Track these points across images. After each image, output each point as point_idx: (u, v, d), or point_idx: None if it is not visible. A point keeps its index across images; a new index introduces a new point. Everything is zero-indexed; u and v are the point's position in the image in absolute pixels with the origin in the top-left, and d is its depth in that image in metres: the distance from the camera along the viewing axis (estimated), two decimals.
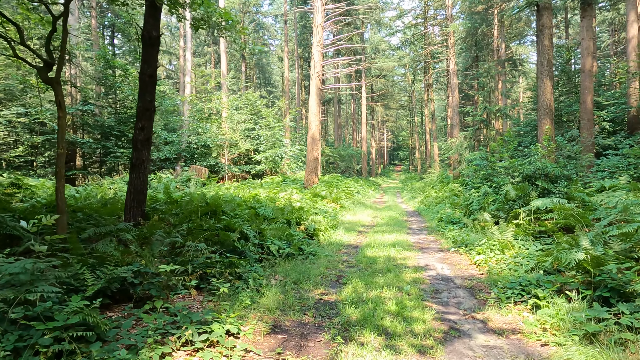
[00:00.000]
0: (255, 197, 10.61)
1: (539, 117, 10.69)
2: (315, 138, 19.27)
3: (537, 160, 8.15)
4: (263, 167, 24.23)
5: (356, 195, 17.89)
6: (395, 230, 10.51)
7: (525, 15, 37.17)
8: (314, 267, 6.42)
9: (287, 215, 8.56)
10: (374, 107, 49.58)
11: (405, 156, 68.24)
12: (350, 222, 12.25)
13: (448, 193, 15.00)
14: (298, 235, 7.98)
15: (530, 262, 5.82)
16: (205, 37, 43.92)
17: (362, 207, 15.94)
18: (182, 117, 20.47)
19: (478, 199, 10.16)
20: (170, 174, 15.20)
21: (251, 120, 26.15)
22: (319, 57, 19.60)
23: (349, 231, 10.46)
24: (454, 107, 23.25)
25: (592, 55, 17.24)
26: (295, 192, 14.55)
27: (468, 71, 34.51)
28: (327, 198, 14.52)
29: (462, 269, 6.52)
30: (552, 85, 10.61)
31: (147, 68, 7.15)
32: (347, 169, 38.80)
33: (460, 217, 10.49)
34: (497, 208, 8.61)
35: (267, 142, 24.87)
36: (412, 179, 36.00)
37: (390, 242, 8.68)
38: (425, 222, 12.39)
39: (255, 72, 53.99)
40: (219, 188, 13.49)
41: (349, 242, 9.05)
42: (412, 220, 13.18)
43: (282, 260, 6.59)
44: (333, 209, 13.51)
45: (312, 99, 19.42)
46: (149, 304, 4.23)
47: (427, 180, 24.93)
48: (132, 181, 6.92)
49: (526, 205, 7.95)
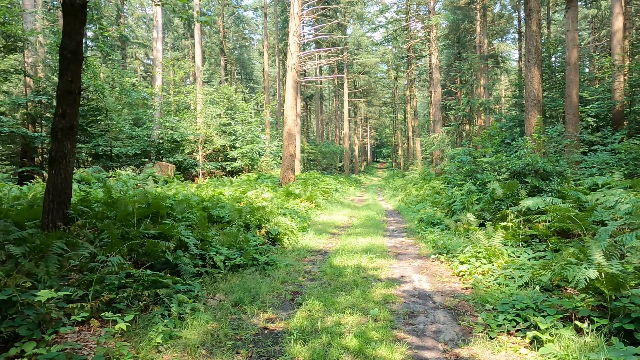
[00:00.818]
0: (216, 197, 9.41)
1: (526, 108, 9.78)
2: (291, 133, 18.10)
3: (527, 155, 7.18)
4: (239, 164, 22.96)
5: (334, 193, 16.82)
6: (371, 233, 9.45)
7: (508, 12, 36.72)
8: (268, 282, 5.29)
9: (245, 217, 7.40)
10: (356, 104, 48.63)
11: (388, 153, 67.63)
12: (323, 223, 11.15)
13: (429, 191, 14.05)
14: (257, 240, 6.84)
15: (523, 274, 4.80)
16: (184, 30, 42.17)
17: (339, 206, 14.87)
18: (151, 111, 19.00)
19: (461, 198, 9.17)
20: (132, 171, 13.85)
21: (227, 115, 24.81)
22: (296, 47, 18.41)
23: (320, 234, 9.36)
24: (437, 102, 22.37)
25: (577, 48, 16.52)
26: (267, 191, 13.38)
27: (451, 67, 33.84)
28: (301, 197, 13.40)
29: (443, 282, 5.48)
30: (541, 74, 9.72)
31: (70, 42, 5.88)
32: (329, 167, 37.74)
33: (441, 217, 9.50)
34: (482, 208, 7.63)
35: (243, 138, 23.60)
36: (394, 177, 35.17)
37: (364, 247, 7.61)
38: (405, 223, 11.38)
39: (237, 68, 52.38)
40: (182, 186, 12.23)
41: (318, 247, 7.95)
42: (391, 220, 12.17)
43: (231, 273, 5.44)
44: (306, 208, 12.40)
45: (288, 92, 18.23)
46: (16, 347, 3.05)
47: (409, 177, 24.04)
48: (52, 178, 5.68)
49: (515, 205, 6.98)
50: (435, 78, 22.64)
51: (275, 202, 10.23)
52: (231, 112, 24.86)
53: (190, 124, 22.96)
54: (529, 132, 9.64)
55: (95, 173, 12.23)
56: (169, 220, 6.39)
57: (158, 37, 23.09)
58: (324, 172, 36.18)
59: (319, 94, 41.93)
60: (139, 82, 19.33)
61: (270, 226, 7.53)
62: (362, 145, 58.44)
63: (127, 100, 19.39)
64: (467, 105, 15.50)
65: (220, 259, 5.31)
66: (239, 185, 13.92)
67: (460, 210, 8.96)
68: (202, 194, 10.81)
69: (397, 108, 49.77)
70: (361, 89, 41.98)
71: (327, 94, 56.83)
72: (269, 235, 7.42)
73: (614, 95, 16.78)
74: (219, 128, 24.11)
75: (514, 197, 7.02)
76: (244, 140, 23.57)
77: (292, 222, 9.13)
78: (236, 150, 23.04)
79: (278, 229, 7.54)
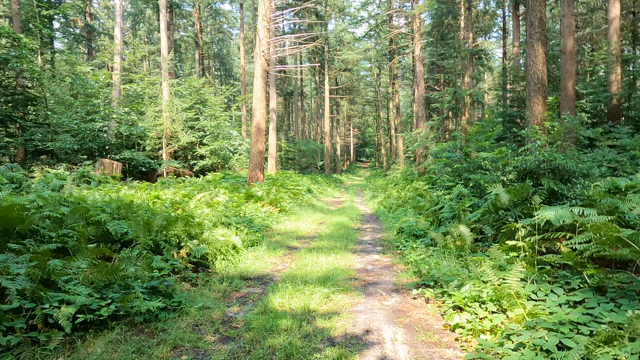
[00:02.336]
0: (144, 203, 7.19)
1: (528, 94, 7.87)
2: (260, 128, 15.92)
3: (541, 149, 5.20)
4: (207, 162, 20.66)
5: (305, 195, 14.70)
6: (339, 247, 7.38)
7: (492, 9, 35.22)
8: (148, 350, 3.16)
9: (157, 232, 5.23)
10: (338, 101, 46.64)
11: (372, 153, 65.88)
12: (284, 233, 9.04)
13: (412, 193, 12.07)
14: (166, 268, 4.68)
15: (566, 340, 2.79)
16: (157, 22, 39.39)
17: (309, 210, 12.77)
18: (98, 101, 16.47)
19: (450, 204, 7.17)
20: (66, 170, 11.52)
21: (195, 110, 22.47)
22: (265, 33, 16.22)
23: (274, 249, 7.25)
24: (420, 98, 20.47)
25: (573, 35, 14.79)
26: (223, 193, 11.20)
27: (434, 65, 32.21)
28: (264, 200, 11.25)
29: (429, 345, 3.42)
30: (545, 52, 7.84)
31: None
32: (309, 166, 35.61)
33: (425, 228, 7.49)
34: (481, 219, 5.63)
35: (212, 134, 21.30)
36: (376, 176, 33.27)
37: (323, 273, 5.53)
38: (382, 232, 9.35)
39: (215, 64, 49.77)
40: (113, 189, 9.94)
41: (262, 271, 5.83)
42: (367, 228, 10.12)
43: (88, 335, 3.29)
44: (267, 214, 10.26)
45: (256, 82, 16.04)
46: None
47: (390, 177, 22.11)
48: None
49: (527, 216, 5.00)
50: (419, 71, 20.73)
51: (222, 209, 8.07)
52: (200, 106, 22.53)
53: (152, 118, 20.58)
54: (533, 121, 7.71)
55: (9, 172, 9.84)
56: (28, 241, 4.20)
57: (117, 22, 20.61)
58: (303, 171, 34.03)
59: (300, 90, 39.77)
60: (94, 72, 16.85)
61: (194, 245, 5.37)
62: (344, 144, 56.53)
63: (80, 91, 16.91)
64: (454, 97, 13.59)
65: (67, 313, 3.14)
66: (192, 187, 11.70)
67: (450, 219, 6.96)
68: (132, 197, 8.58)
69: (379, 106, 48.00)
70: (343, 85, 40.01)
71: (308, 92, 54.74)
72: (192, 257, 5.27)
73: (610, 88, 15.11)
74: (185, 123, 21.76)
75: (525, 206, 5.03)
76: (212, 136, 21.28)
77: (236, 235, 7.00)
78: (204, 148, 20.75)
79: (205, 248, 5.38)
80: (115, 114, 14.29)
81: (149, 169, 16.26)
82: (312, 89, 52.33)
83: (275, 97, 25.17)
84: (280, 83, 39.53)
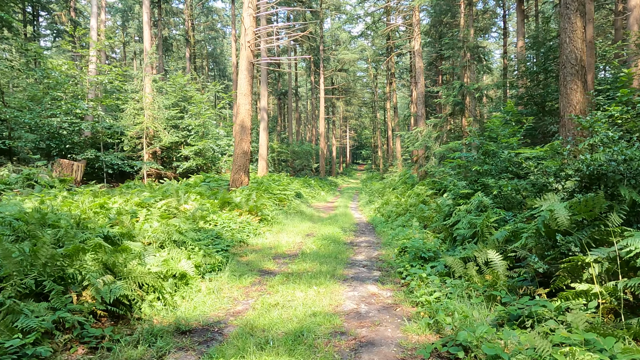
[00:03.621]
0: (59, 216, 5.39)
1: (563, 78, 6.17)
2: (245, 126, 14.17)
3: (620, 148, 3.44)
4: (192, 163, 18.88)
5: (293, 201, 12.91)
6: (325, 272, 5.62)
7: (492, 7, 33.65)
8: None
9: (45, 266, 3.46)
10: (334, 102, 44.95)
11: (368, 155, 64.19)
12: (261, 250, 7.27)
13: (413, 199, 10.31)
14: (34, 330, 2.91)
15: None
16: None
17: (297, 219, 10.99)
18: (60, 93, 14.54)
19: (468, 218, 5.42)
20: (10, 171, 9.73)
21: (180, 107, 20.69)
22: (250, 21, 14.48)
23: (240, 275, 5.48)
24: (420, 95, 18.78)
25: (592, 22, 13.12)
26: (195, 199, 9.43)
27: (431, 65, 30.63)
28: (242, 207, 9.47)
29: None
30: (584, 26, 6.17)
31: None
32: (303, 168, 33.82)
33: (435, 247, 5.73)
34: (526, 244, 3.88)
35: (196, 134, 19.51)
36: (372, 179, 31.53)
37: (297, 324, 3.76)
38: (380, 248, 7.59)
39: (209, 64, 48.00)
40: (50, 195, 8.12)
41: (212, 315, 4.05)
42: (361, 242, 8.35)
43: None
44: (243, 225, 8.49)
45: (241, 75, 14.31)
46: None
47: (388, 180, 20.37)
48: None
49: (600, 244, 3.26)
50: (419, 67, 19.04)
51: (177, 223, 6.28)
52: (185, 104, 20.74)
53: (132, 116, 18.78)
54: (570, 112, 5.99)
55: None
56: None
57: (93, 12, 18.82)
58: (297, 174, 32.23)
59: (295, 90, 38.05)
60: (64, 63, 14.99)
61: (104, 282, 3.58)
62: (340, 146, 54.81)
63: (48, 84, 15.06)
64: (460, 91, 11.88)
65: None
66: (159, 192, 9.89)
67: (469, 238, 5.21)
68: (75, 206, 6.79)
69: (376, 108, 46.36)
70: (339, 86, 38.32)
71: (304, 93, 53.06)
72: (102, 302, 3.48)
73: (632, 83, 13.43)
74: (167, 122, 19.96)
75: (596, 229, 3.29)
76: (197, 136, 19.50)
77: (188, 258, 5.22)
78: (187, 148, 18.95)
79: (122, 287, 3.60)
80: (79, 108, 12.44)
81: (116, 171, 14.46)
82: (308, 90, 50.59)
83: (267, 95, 23.43)
84: (273, 82, 37.80)
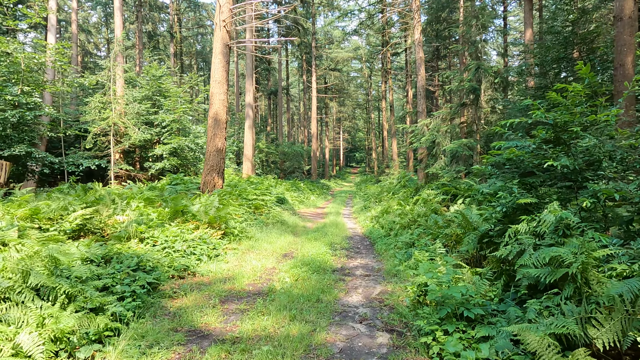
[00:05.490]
0: None
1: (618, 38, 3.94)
2: (219, 119, 11.76)
3: None
4: (165, 163, 16.39)
5: (274, 208, 10.46)
6: (297, 338, 3.23)
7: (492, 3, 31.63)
8: None
9: None
10: (328, 103, 42.62)
11: (362, 158, 61.93)
12: (210, 284, 4.84)
13: (421, 208, 7.93)
14: None
15: None
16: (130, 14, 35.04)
17: (275, 231, 8.56)
18: None
19: (548, 250, 3.03)
20: None
21: (154, 101, 18.22)
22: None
23: (152, 344, 3.07)
24: (420, 89, 16.50)
25: None
26: (134, 209, 6.98)
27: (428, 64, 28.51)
28: (201, 219, 7.04)
29: None
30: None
31: None
32: (294, 170, 31.36)
33: (479, 293, 3.37)
34: None
35: (168, 131, 17.04)
36: (367, 182, 29.16)
37: None
38: (383, 281, 5.19)
39: (198, 63, 45.47)
40: None
41: None
42: (356, 269, 5.94)
43: None
44: (194, 244, 6.05)
45: (215, 60, 11.91)
46: None
47: (385, 183, 18.02)
48: None
49: None
50: (419, 58, 16.75)
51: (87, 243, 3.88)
52: (160, 98, 18.27)
53: (97, 111, 16.29)
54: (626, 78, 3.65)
55: None
56: None
57: None
58: (287, 176, 29.80)
59: (286, 90, 35.66)
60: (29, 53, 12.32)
61: None
62: (334, 149, 52.46)
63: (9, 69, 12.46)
64: (475, 75, 9.49)
65: None
66: (93, 197, 7.41)
67: (548, 286, 2.83)
68: None
69: (370, 109, 44.12)
70: (331, 84, 36.03)
71: (296, 94, 50.73)
72: None
73: None
74: (138, 117, 17.47)
75: None
76: (171, 133, 17.02)
77: (39, 326, 2.79)
78: (161, 147, 16.47)
79: None
80: (9, 94, 9.87)
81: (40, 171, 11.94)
82: (300, 91, 48.22)
83: (253, 90, 21.01)
84: (264, 82, 35.36)
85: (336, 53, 36.69)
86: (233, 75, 39.34)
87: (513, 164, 3.96)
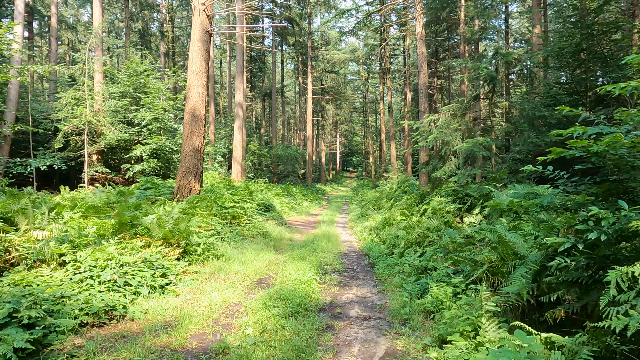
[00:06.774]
0: None
1: None
2: (197, 115, 10.18)
3: None
4: (144, 165, 14.76)
5: (255, 218, 8.84)
6: None
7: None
8: None
9: None
10: (324, 105, 41.15)
11: (359, 162, 60.39)
12: (139, 334, 3.22)
13: (434, 220, 6.35)
14: None
15: None
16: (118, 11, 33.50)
17: (253, 246, 6.96)
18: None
19: None
20: None
21: (135, 98, 16.64)
22: None
23: None
24: (422, 87, 15.03)
25: None
26: (65, 221, 5.37)
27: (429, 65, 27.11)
28: (153, 235, 5.45)
29: None
30: None
31: None
32: (288, 174, 29.74)
33: None
34: None
35: (148, 130, 15.43)
36: (364, 187, 27.60)
37: None
38: (390, 329, 3.59)
39: None
40: None
41: None
42: (350, 306, 4.33)
43: None
44: (136, 269, 4.45)
45: (193, 48, 10.36)
46: None
47: (384, 188, 16.46)
48: None
49: None
50: (421, 53, 15.28)
51: None
52: (140, 94, 16.67)
53: (70, 108, 14.68)
54: None
55: None
56: None
57: None
58: (281, 180, 28.19)
59: (281, 91, 34.16)
60: None
61: None
62: (330, 152, 50.91)
63: None
64: (494, 60, 7.96)
65: None
66: (14, 203, 5.80)
67: None
68: None
69: (368, 112, 42.69)
70: (327, 85, 34.56)
71: (292, 97, 49.25)
72: None
73: None
74: (115, 115, 15.88)
75: None
76: (150, 132, 15.42)
77: None
78: (139, 148, 14.84)
79: None
80: None
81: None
82: (296, 94, 46.72)
83: (244, 89, 19.43)
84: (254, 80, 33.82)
85: (333, 54, 35.25)
86: (226, 76, 37.83)
87: (602, 163, 2.43)
